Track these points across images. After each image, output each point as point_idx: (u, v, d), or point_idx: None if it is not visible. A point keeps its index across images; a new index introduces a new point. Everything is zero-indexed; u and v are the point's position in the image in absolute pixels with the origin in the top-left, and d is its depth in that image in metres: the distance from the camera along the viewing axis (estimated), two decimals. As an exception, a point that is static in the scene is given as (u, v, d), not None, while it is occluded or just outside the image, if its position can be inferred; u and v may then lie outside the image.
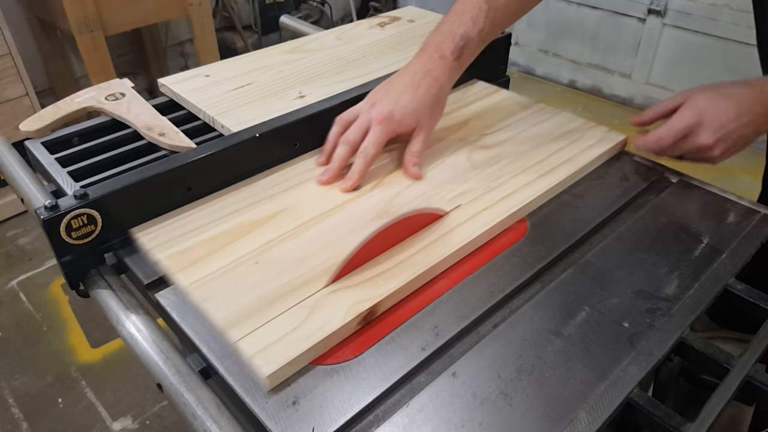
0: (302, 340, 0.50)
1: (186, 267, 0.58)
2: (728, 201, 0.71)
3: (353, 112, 0.73)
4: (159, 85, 0.87)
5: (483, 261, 0.62)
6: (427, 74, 0.72)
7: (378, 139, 0.69)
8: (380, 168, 0.73)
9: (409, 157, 0.72)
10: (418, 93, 0.71)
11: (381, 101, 0.71)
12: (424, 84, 0.71)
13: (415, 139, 0.72)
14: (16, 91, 1.91)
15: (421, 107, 0.71)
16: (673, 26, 2.47)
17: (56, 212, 0.57)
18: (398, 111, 0.70)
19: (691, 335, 0.56)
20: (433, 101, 0.72)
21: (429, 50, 0.73)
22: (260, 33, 3.00)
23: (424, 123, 0.72)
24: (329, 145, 0.73)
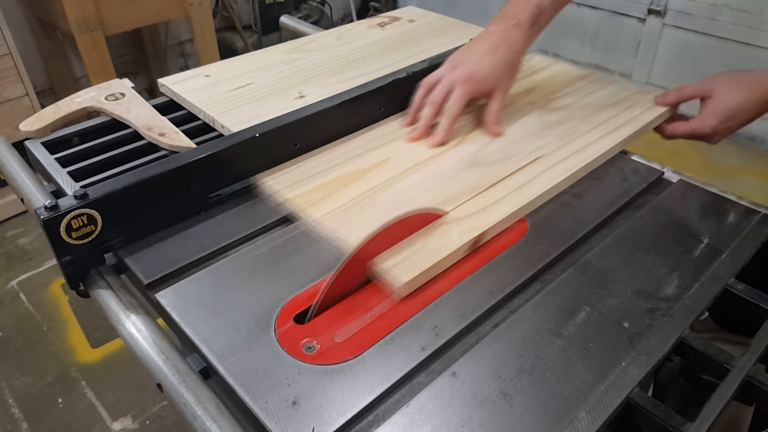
0: (427, 257, 0.59)
1: (312, 205, 0.67)
2: (728, 201, 0.71)
3: (435, 76, 0.79)
4: (159, 85, 0.87)
5: (483, 261, 0.62)
6: (504, 39, 0.77)
7: (461, 98, 0.76)
8: (461, 127, 0.80)
9: (489, 117, 0.79)
10: (497, 56, 0.77)
11: (463, 64, 0.77)
12: (502, 48, 0.77)
13: (494, 100, 0.79)
14: (16, 91, 1.91)
15: (499, 70, 0.77)
16: (673, 26, 2.47)
17: (56, 212, 0.57)
18: (479, 72, 0.76)
19: (691, 335, 0.56)
20: (510, 65, 0.78)
21: (506, 17, 0.79)
22: (260, 33, 3.00)
23: (502, 84, 0.78)
24: (414, 106, 0.80)
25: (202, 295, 0.58)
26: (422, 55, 0.93)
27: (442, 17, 1.11)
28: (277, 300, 0.58)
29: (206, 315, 0.56)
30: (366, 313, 0.56)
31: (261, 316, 0.56)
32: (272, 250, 0.64)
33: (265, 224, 0.68)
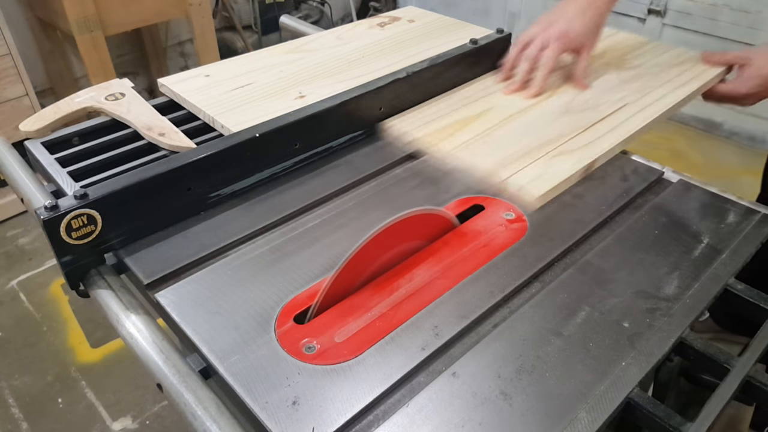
0: (551, 178, 0.70)
1: (439, 141, 0.78)
2: (728, 201, 0.71)
3: (529, 34, 0.88)
4: (159, 85, 0.87)
5: (483, 261, 0.62)
6: (591, 3, 0.87)
7: (555, 53, 0.86)
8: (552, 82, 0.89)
9: (579, 71, 0.88)
10: (586, 17, 0.86)
11: (557, 23, 0.87)
12: (590, 11, 0.86)
13: (582, 57, 0.88)
14: (16, 91, 1.91)
15: (588, 29, 0.87)
16: (673, 26, 2.47)
17: (56, 212, 0.57)
18: (573, 30, 0.86)
19: (691, 335, 0.56)
20: (596, 26, 0.88)
21: None
22: (260, 33, 3.00)
23: (589, 43, 0.88)
24: (509, 63, 0.90)
25: (202, 295, 0.58)
26: (422, 55, 0.93)
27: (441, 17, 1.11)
28: (277, 300, 0.58)
29: (206, 315, 0.56)
30: (366, 313, 0.56)
31: (261, 316, 0.56)
32: (272, 250, 0.64)
33: (265, 224, 0.68)
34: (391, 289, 0.59)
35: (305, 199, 0.72)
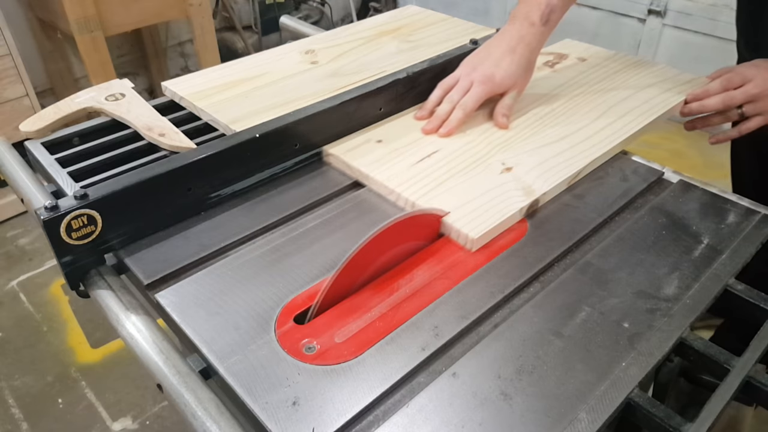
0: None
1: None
2: (728, 201, 0.71)
3: (453, 77, 0.83)
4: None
5: (483, 261, 0.62)
6: (520, 40, 0.80)
7: (477, 96, 0.80)
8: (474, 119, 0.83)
9: (500, 109, 0.81)
10: (515, 57, 0.80)
11: (482, 65, 0.81)
12: (518, 49, 0.80)
13: (509, 95, 0.82)
14: (16, 92, 1.91)
15: (518, 70, 0.81)
16: (673, 26, 2.47)
17: (56, 213, 0.57)
18: (499, 73, 0.80)
19: (691, 335, 0.56)
20: (527, 65, 0.82)
21: (519, 18, 0.82)
22: (260, 33, 3.00)
23: (519, 84, 0.82)
24: (431, 103, 0.83)
25: (202, 296, 0.58)
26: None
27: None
28: (277, 300, 0.58)
29: (206, 315, 0.56)
30: (366, 314, 0.56)
31: (261, 317, 0.56)
32: (272, 250, 0.64)
33: (265, 224, 0.68)
34: (391, 289, 0.59)
35: (305, 199, 0.72)
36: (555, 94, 0.90)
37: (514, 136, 0.79)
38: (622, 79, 0.93)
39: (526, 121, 0.83)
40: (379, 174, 0.73)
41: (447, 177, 0.72)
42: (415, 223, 0.63)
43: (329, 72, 0.90)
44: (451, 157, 0.76)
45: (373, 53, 0.97)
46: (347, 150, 0.78)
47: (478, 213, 0.66)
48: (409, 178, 0.72)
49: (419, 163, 0.75)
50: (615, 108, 0.85)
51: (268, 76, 0.89)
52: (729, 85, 0.81)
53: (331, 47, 0.98)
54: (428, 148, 0.78)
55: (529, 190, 0.69)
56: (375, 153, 0.77)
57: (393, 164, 0.75)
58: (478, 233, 0.63)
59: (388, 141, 0.79)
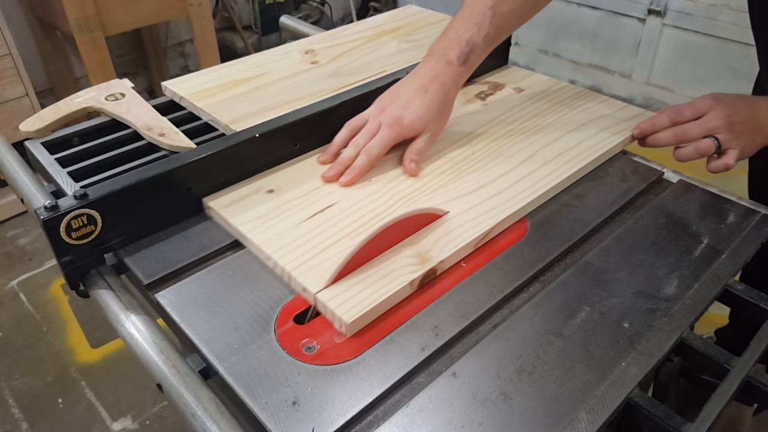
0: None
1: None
2: (728, 201, 0.71)
3: (362, 117, 0.75)
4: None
5: (483, 261, 0.62)
6: (434, 79, 0.73)
7: (384, 141, 0.71)
8: (382, 165, 0.74)
9: (410, 154, 0.72)
10: (427, 98, 0.72)
11: (390, 106, 0.73)
12: (432, 89, 0.73)
13: (420, 138, 0.73)
14: (16, 92, 1.91)
15: (429, 112, 0.72)
16: (673, 26, 2.47)
17: (56, 212, 0.57)
18: (407, 116, 0.72)
19: (691, 335, 0.56)
20: (441, 106, 0.73)
21: (436, 56, 0.74)
22: (260, 33, 3.00)
23: (431, 127, 0.73)
24: (335, 146, 0.75)
25: (202, 295, 0.58)
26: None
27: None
28: (277, 300, 0.58)
29: (206, 315, 0.56)
30: (366, 314, 0.56)
31: (261, 317, 0.56)
32: (272, 251, 0.64)
33: (265, 224, 0.68)
34: (391, 289, 0.59)
35: (305, 200, 0.72)
36: (480, 133, 0.80)
37: (422, 187, 0.70)
38: (559, 114, 0.84)
39: (442, 167, 0.73)
40: (258, 236, 0.63)
41: (336, 239, 0.62)
42: (415, 222, 0.63)
43: (329, 72, 0.90)
44: (348, 212, 0.66)
45: (373, 53, 0.97)
46: (229, 203, 0.67)
47: (360, 288, 0.56)
48: (291, 241, 0.62)
49: (309, 220, 0.64)
50: (543, 151, 0.75)
51: (268, 76, 0.89)
52: (677, 117, 0.74)
53: (331, 47, 0.98)
54: (325, 200, 0.68)
55: (425, 258, 0.59)
56: (262, 206, 0.67)
57: (278, 221, 0.64)
58: (353, 316, 0.53)
59: (281, 190, 0.69)
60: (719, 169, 0.71)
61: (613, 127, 0.80)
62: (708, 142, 0.71)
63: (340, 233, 0.63)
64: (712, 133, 0.71)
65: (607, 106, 0.86)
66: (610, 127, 0.80)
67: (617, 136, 0.78)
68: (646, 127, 0.76)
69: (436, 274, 0.60)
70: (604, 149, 0.76)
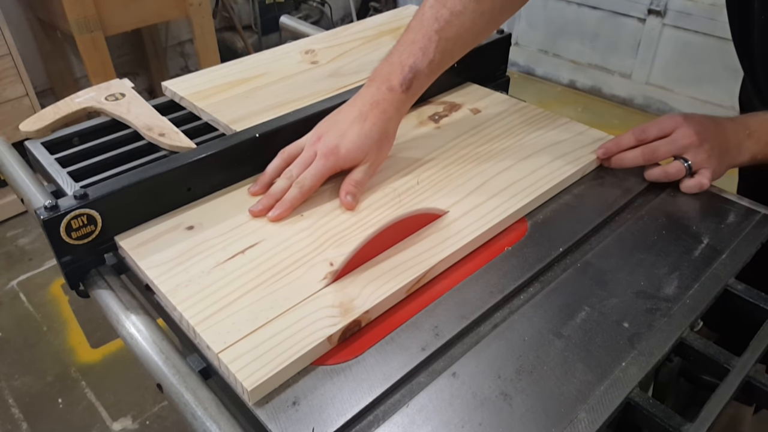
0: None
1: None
2: (728, 201, 0.71)
3: (298, 145, 0.70)
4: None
5: (483, 261, 0.62)
6: (374, 106, 0.68)
7: (318, 172, 0.66)
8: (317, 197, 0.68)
9: (347, 185, 0.67)
10: (365, 126, 0.68)
11: (327, 134, 0.68)
12: (371, 117, 0.68)
13: (358, 168, 0.68)
14: (16, 91, 1.91)
15: (368, 141, 0.68)
16: (673, 26, 2.47)
17: (56, 212, 0.57)
18: (344, 145, 0.67)
19: (691, 335, 0.56)
20: (381, 134, 0.69)
21: (377, 81, 0.70)
22: (260, 33, 3.00)
23: (371, 157, 0.69)
24: (267, 177, 0.69)
25: (202, 296, 0.58)
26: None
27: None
28: (277, 300, 0.57)
29: (206, 315, 0.56)
30: (366, 314, 0.56)
31: (261, 317, 0.56)
32: (272, 251, 0.64)
33: (265, 224, 0.68)
34: (390, 289, 0.58)
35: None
36: (429, 159, 0.74)
37: (358, 222, 0.64)
38: (516, 139, 0.78)
39: (382, 199, 0.68)
40: (165, 282, 0.56)
41: (252, 286, 0.56)
42: (415, 222, 0.63)
43: (329, 72, 0.90)
44: (271, 253, 0.60)
45: (373, 53, 0.97)
46: (141, 242, 0.61)
47: (269, 345, 0.50)
48: (201, 290, 0.55)
49: (226, 263, 0.58)
50: (495, 180, 0.70)
51: (268, 76, 0.89)
52: (643, 136, 0.71)
53: (331, 47, 0.98)
54: (249, 238, 0.62)
55: (348, 307, 0.54)
56: (178, 245, 0.61)
57: (192, 264, 0.58)
58: (256, 381, 0.47)
59: (201, 227, 0.63)
60: (693, 189, 0.70)
61: (571, 154, 0.75)
62: (677, 165, 0.70)
63: (260, 278, 0.57)
64: (682, 152, 0.70)
65: (567, 129, 0.80)
66: (567, 153, 0.75)
67: (573, 165, 0.73)
68: (611, 146, 0.74)
69: (361, 326, 0.54)
70: (559, 179, 0.71)
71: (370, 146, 0.68)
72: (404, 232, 0.62)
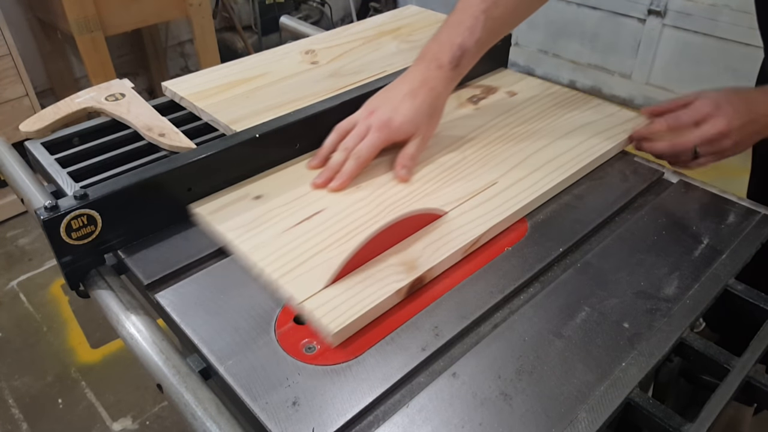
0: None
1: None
2: (728, 201, 0.71)
3: (351, 120, 0.74)
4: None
5: (483, 261, 0.62)
6: (424, 83, 0.72)
7: (373, 144, 0.70)
8: (372, 169, 0.73)
9: (401, 159, 0.72)
10: (417, 101, 0.71)
11: (380, 109, 0.72)
12: (421, 93, 0.72)
13: (411, 143, 0.72)
14: (16, 92, 1.91)
15: (419, 116, 0.72)
16: (673, 27, 2.47)
17: (56, 213, 0.57)
18: (397, 118, 0.71)
19: (691, 336, 0.56)
20: (431, 110, 0.73)
21: (427, 59, 0.74)
22: (260, 33, 3.00)
23: (422, 131, 0.72)
24: (325, 150, 0.73)
25: (202, 296, 0.58)
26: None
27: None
28: (277, 300, 0.58)
29: (206, 315, 0.56)
30: (366, 314, 0.56)
31: (261, 317, 0.56)
32: (272, 251, 0.64)
33: (265, 224, 0.68)
34: (391, 289, 0.59)
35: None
36: (472, 138, 0.79)
37: (412, 193, 0.69)
38: (552, 119, 0.83)
39: (432, 172, 0.72)
40: (244, 243, 0.62)
41: (322, 247, 0.61)
42: (415, 222, 0.63)
43: (329, 72, 0.90)
44: (334, 219, 0.65)
45: (373, 53, 0.97)
46: (215, 209, 0.66)
47: (346, 297, 0.55)
48: (277, 249, 0.61)
49: (295, 228, 0.64)
50: (535, 156, 0.75)
51: (268, 76, 0.89)
52: (676, 123, 0.73)
53: (331, 47, 0.98)
54: (312, 206, 0.67)
55: (412, 266, 0.59)
56: (248, 213, 0.66)
57: (264, 229, 0.63)
58: (338, 325, 0.52)
59: (268, 197, 0.68)
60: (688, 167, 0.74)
61: (606, 132, 0.79)
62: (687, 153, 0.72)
63: (326, 241, 0.62)
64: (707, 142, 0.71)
65: (600, 110, 0.85)
66: (602, 131, 0.79)
67: (609, 141, 0.77)
68: (645, 132, 0.76)
69: (424, 282, 0.59)
70: (596, 154, 0.75)
71: (421, 120, 0.72)
72: (404, 233, 0.62)
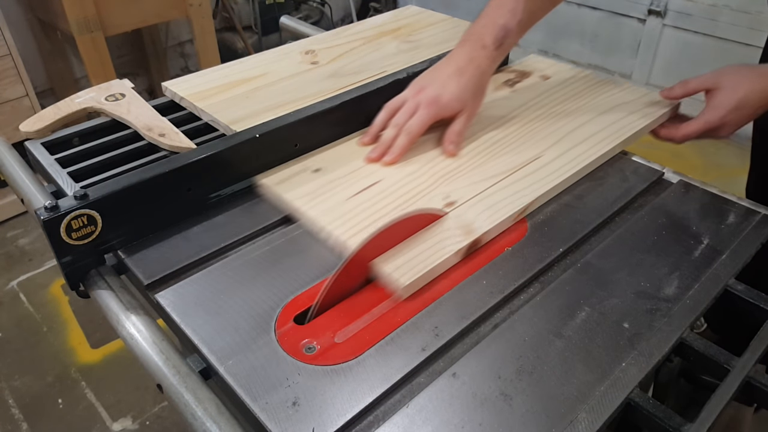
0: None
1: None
2: (728, 201, 0.71)
3: (400, 98, 0.78)
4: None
5: (483, 261, 0.62)
6: (470, 62, 0.76)
7: (423, 119, 0.74)
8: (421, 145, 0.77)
9: (449, 135, 0.76)
10: (463, 80, 0.75)
11: (428, 87, 0.76)
12: (467, 71, 0.76)
13: (458, 120, 0.76)
14: (16, 92, 1.91)
15: (465, 93, 0.76)
16: (673, 27, 2.47)
17: (56, 213, 0.57)
18: (445, 95, 0.75)
19: (691, 336, 0.56)
20: (476, 88, 0.77)
21: (471, 40, 0.78)
22: (260, 34, 3.00)
23: (468, 107, 0.77)
24: (375, 128, 0.78)
25: (202, 296, 0.58)
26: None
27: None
28: (277, 300, 0.58)
29: (206, 315, 0.56)
30: (366, 314, 0.56)
31: (261, 317, 0.56)
32: (272, 251, 0.64)
33: (265, 225, 0.68)
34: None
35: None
36: (512, 117, 0.83)
37: (461, 166, 0.74)
38: (585, 101, 0.87)
39: (477, 148, 0.77)
40: (311, 209, 0.67)
41: (384, 213, 0.66)
42: (415, 222, 0.63)
43: (329, 72, 0.91)
44: (391, 189, 0.70)
45: (373, 53, 0.97)
46: (280, 181, 0.72)
47: (411, 256, 0.60)
48: (342, 215, 0.66)
49: (356, 197, 0.69)
50: (573, 134, 0.79)
51: (268, 76, 0.89)
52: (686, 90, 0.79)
53: (331, 47, 0.98)
54: (369, 178, 0.72)
55: (469, 229, 0.64)
56: (310, 184, 0.71)
57: (327, 197, 0.69)
58: (408, 279, 0.57)
59: (326, 170, 0.73)
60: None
61: (639, 111, 0.84)
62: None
63: (387, 207, 0.67)
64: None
65: (631, 92, 0.89)
66: (636, 111, 0.84)
67: (644, 119, 0.82)
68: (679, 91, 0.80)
69: (479, 245, 0.64)
70: (634, 130, 0.80)
71: (468, 98, 0.76)
72: (404, 233, 0.62)
